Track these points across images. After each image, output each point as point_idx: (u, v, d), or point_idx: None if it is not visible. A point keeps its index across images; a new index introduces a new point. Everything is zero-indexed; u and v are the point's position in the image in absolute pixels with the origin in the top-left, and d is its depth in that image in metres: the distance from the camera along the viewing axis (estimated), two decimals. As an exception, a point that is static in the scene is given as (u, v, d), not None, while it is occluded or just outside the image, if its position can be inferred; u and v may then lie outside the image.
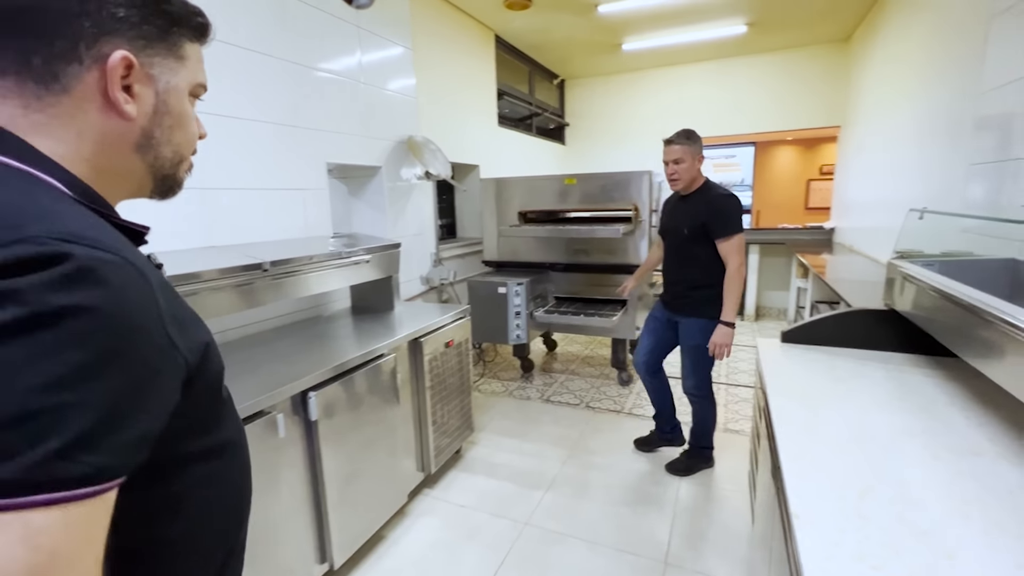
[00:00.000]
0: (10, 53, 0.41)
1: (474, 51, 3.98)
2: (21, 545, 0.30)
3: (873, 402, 1.32)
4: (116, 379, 0.36)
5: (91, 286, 0.35)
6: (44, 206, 0.39)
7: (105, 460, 0.35)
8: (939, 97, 2.56)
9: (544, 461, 2.50)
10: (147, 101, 0.47)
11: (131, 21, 0.45)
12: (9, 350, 0.32)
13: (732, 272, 2.07)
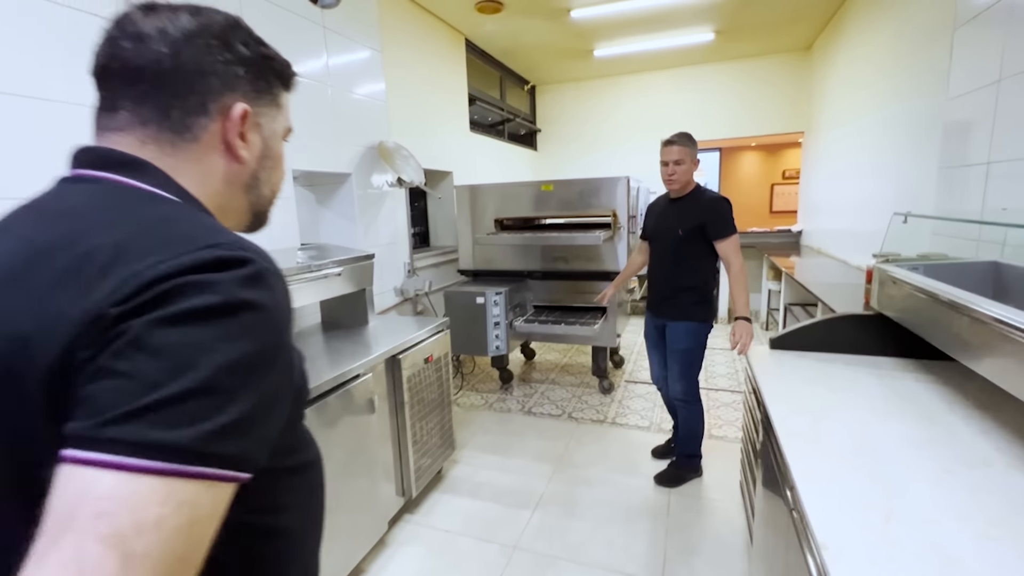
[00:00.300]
0: (153, 107, 0.47)
1: (444, 55, 3.89)
2: (173, 507, 0.33)
3: (873, 411, 1.29)
4: (271, 375, 0.41)
5: (264, 288, 0.41)
6: (213, 224, 0.46)
7: (248, 448, 0.38)
8: (908, 103, 2.62)
9: (530, 478, 2.41)
10: (256, 146, 0.54)
11: (247, 78, 0.52)
12: (203, 330, 0.36)
13: (738, 270, 2.10)
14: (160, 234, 0.41)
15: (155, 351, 0.35)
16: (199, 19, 0.49)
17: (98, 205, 0.44)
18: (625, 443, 2.73)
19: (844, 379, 1.52)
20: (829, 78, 4.24)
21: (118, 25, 0.48)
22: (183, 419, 0.34)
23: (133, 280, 0.37)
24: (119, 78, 0.48)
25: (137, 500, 0.32)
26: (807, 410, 1.30)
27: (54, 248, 0.40)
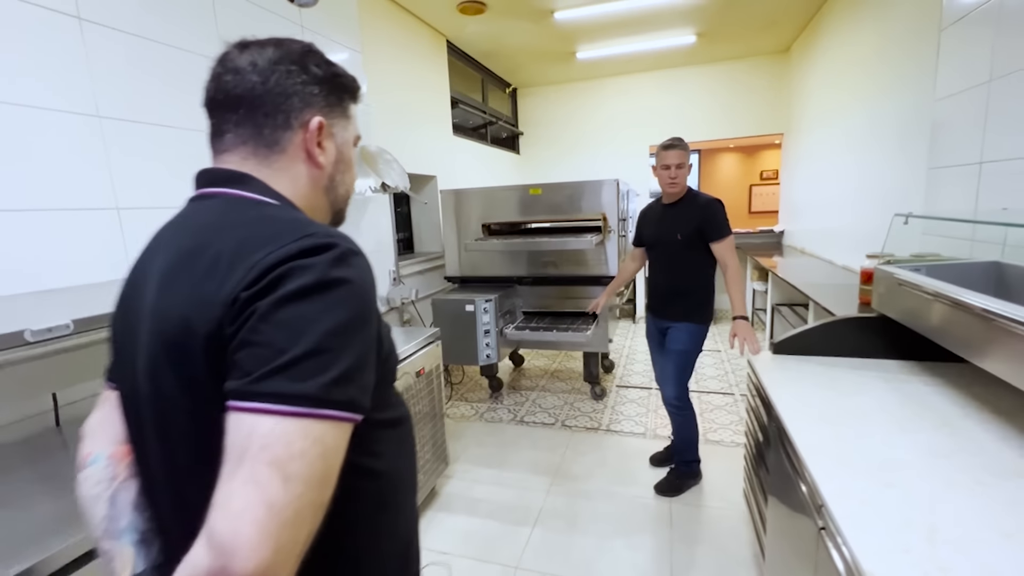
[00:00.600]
0: (250, 127, 0.58)
1: (426, 58, 3.80)
2: (311, 441, 0.44)
3: (889, 419, 1.25)
4: (362, 335, 0.50)
5: (349, 266, 0.50)
6: (305, 219, 0.56)
7: (354, 394, 0.48)
8: (894, 104, 2.65)
9: (527, 492, 2.33)
10: (331, 153, 0.63)
11: (321, 95, 0.60)
12: (309, 304, 0.47)
13: (734, 271, 2.09)
14: (267, 230, 0.51)
15: (277, 324, 0.45)
16: (281, 50, 0.59)
17: (220, 215, 0.56)
18: (621, 451, 2.67)
19: (852, 384, 1.49)
20: (808, 80, 4.29)
21: (220, 63, 0.59)
22: (307, 374, 0.44)
23: (253, 269, 0.47)
24: (224, 107, 0.58)
25: (287, 436, 0.43)
26: (823, 420, 1.26)
27: (196, 252, 0.52)
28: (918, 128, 2.38)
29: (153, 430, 0.54)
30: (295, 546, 0.42)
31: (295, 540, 0.42)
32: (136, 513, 0.58)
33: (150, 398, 0.53)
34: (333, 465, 0.46)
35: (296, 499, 0.41)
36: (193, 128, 1.83)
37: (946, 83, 2.09)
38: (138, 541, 0.57)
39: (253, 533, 0.39)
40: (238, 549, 0.39)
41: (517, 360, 4.17)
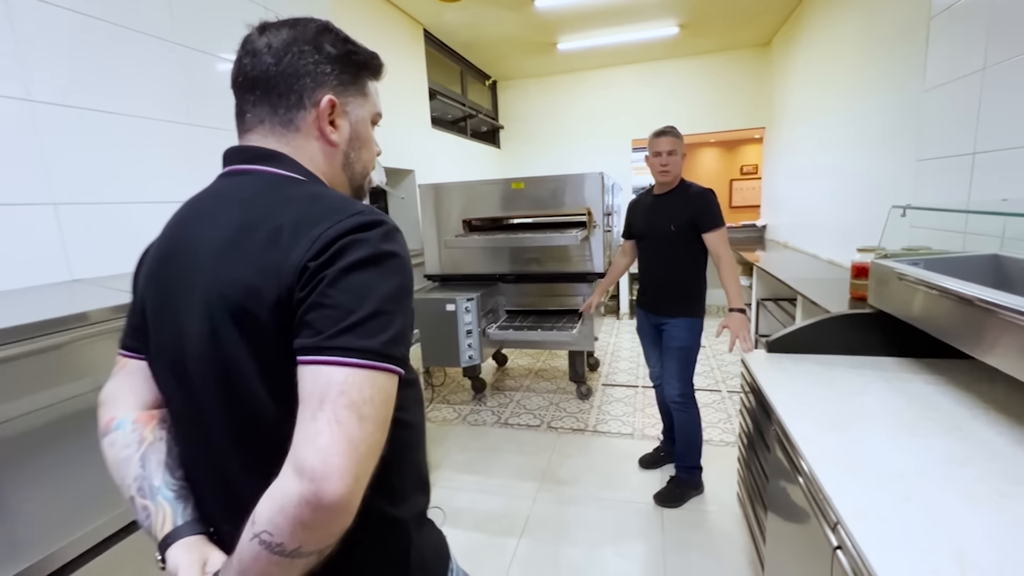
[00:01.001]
0: (267, 107, 0.61)
1: (403, 47, 3.65)
2: (377, 389, 0.50)
3: (896, 422, 1.19)
4: (408, 301, 0.57)
5: (396, 242, 0.56)
6: (345, 196, 0.60)
7: (404, 352, 0.55)
8: (880, 96, 2.61)
9: (513, 500, 2.23)
10: (345, 130, 0.65)
11: (334, 73, 0.62)
12: (369, 273, 0.52)
13: (728, 262, 2.01)
14: (321, 207, 0.55)
15: (344, 289, 0.51)
16: (295, 30, 0.61)
17: (265, 191, 0.58)
18: (609, 453, 2.59)
19: (853, 384, 1.43)
20: (790, 73, 4.26)
21: (242, 46, 0.61)
22: (372, 333, 0.51)
23: (318, 241, 0.52)
24: (243, 88, 0.61)
25: (359, 384, 0.49)
26: (829, 426, 1.18)
27: (252, 226, 0.55)
28: (904, 120, 2.34)
29: (214, 391, 0.56)
30: (365, 479, 0.49)
31: (366, 473, 0.48)
32: (167, 472, 0.62)
33: (210, 362, 0.56)
34: (390, 410, 0.52)
35: (368, 436, 0.48)
36: (146, 116, 1.67)
37: (936, 73, 2.04)
38: (174, 498, 0.60)
39: (341, 463, 0.46)
40: (329, 476, 0.45)
41: (500, 359, 4.06)
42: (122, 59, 1.60)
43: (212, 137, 1.96)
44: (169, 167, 1.77)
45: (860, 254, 2.12)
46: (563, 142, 5.69)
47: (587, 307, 2.51)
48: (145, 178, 1.69)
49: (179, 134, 1.80)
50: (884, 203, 2.56)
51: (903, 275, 1.42)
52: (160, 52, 1.73)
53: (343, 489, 0.45)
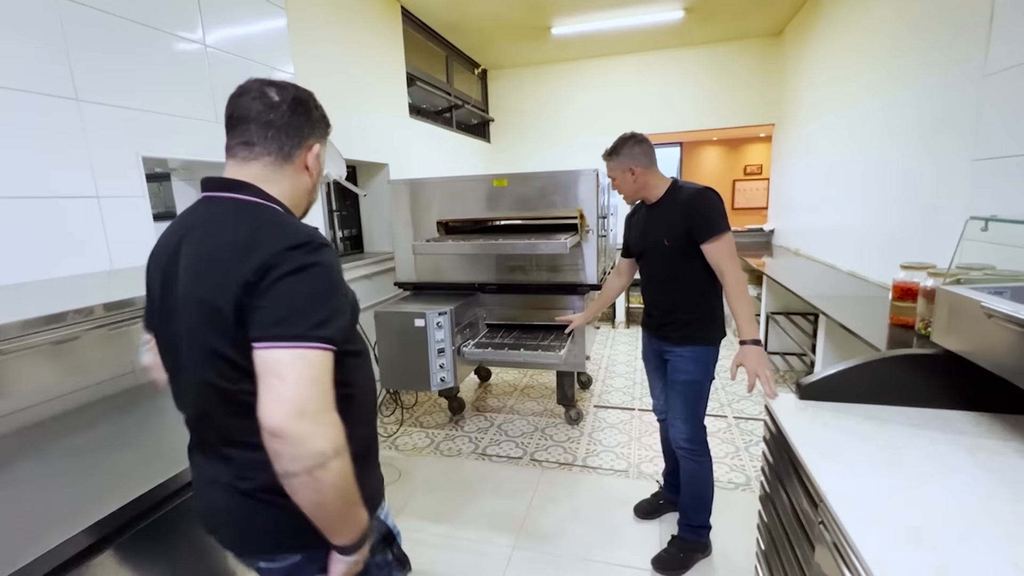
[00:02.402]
0: (274, 144, 0.82)
1: (375, 24, 3.26)
2: (305, 364, 0.69)
3: (1007, 533, 0.82)
4: (332, 297, 0.75)
5: (318, 254, 0.75)
6: (292, 220, 0.80)
7: (332, 334, 0.73)
8: (921, 84, 2.24)
9: (483, 560, 1.86)
10: (316, 169, 0.89)
11: (319, 129, 0.89)
12: (292, 280, 0.71)
13: (734, 280, 1.60)
14: (269, 231, 0.75)
15: (275, 295, 0.71)
16: (298, 94, 0.85)
17: (233, 215, 0.79)
18: (600, 496, 2.23)
19: (923, 457, 1.06)
20: (804, 65, 3.90)
21: (260, 93, 0.83)
22: (299, 321, 0.70)
23: (260, 262, 0.71)
24: (259, 126, 0.82)
25: (292, 359, 0.69)
26: (910, 537, 0.82)
27: (222, 246, 0.75)
28: (950, 113, 1.98)
29: (192, 364, 0.79)
30: (314, 417, 0.68)
31: (306, 414, 0.67)
32: None
33: (194, 345, 0.78)
34: (318, 374, 0.70)
35: (294, 391, 0.68)
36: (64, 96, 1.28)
37: (1002, 53, 1.68)
38: None
39: (272, 411, 0.67)
40: (267, 418, 0.67)
41: (483, 375, 3.69)
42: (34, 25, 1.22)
43: (121, 119, 1.59)
44: (56, 153, 1.39)
45: (905, 272, 1.77)
46: (558, 137, 5.32)
47: (567, 321, 2.14)
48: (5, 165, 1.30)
49: (65, 114, 1.42)
50: (923, 209, 2.20)
51: (994, 311, 1.05)
52: (42, 7, 1.35)
53: (281, 427, 0.66)
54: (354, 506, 0.77)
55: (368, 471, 0.91)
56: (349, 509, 0.76)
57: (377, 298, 3.15)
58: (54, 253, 1.42)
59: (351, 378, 0.85)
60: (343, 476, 0.71)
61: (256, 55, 2.14)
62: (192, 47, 1.85)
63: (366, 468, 0.90)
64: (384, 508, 0.98)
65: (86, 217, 1.50)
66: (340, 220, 3.38)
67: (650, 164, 1.71)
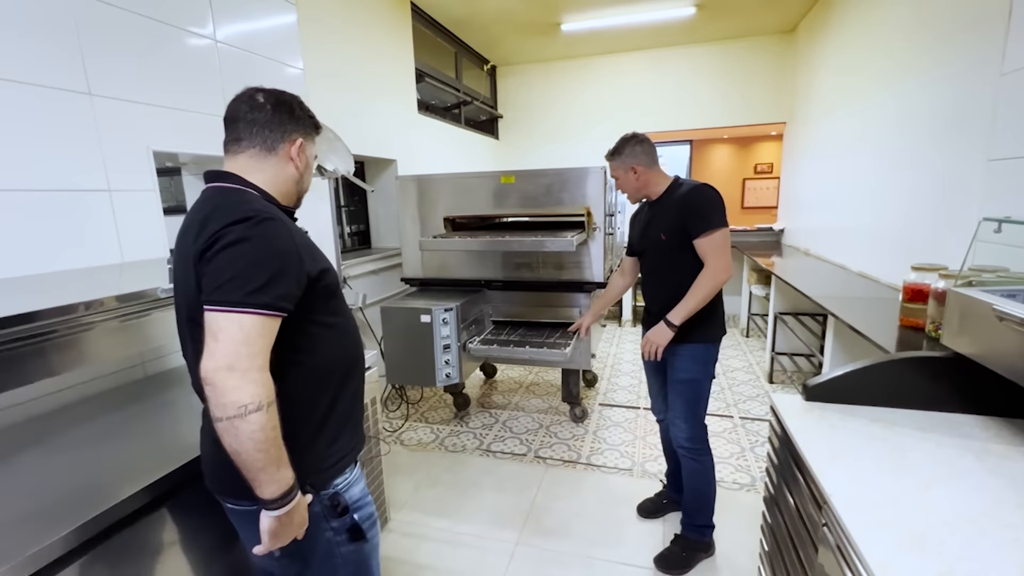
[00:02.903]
0: (259, 138, 0.94)
1: (384, 20, 3.26)
2: (236, 327, 0.78)
3: (1013, 537, 0.81)
4: (270, 266, 0.82)
5: (258, 227, 0.83)
6: (247, 199, 0.89)
7: (270, 300, 0.81)
8: (934, 82, 2.20)
9: (486, 556, 1.87)
10: (302, 161, 0.99)
11: (302, 126, 0.99)
12: (233, 249, 0.81)
13: (710, 271, 1.61)
14: (220, 211, 0.84)
15: (217, 264, 0.81)
16: (281, 96, 0.96)
17: (210, 199, 0.90)
18: (604, 494, 2.23)
19: (930, 460, 1.05)
20: (818, 63, 3.85)
21: (247, 97, 0.94)
22: (235, 288, 0.79)
23: (207, 236, 0.82)
24: (244, 124, 0.93)
25: (228, 323, 0.78)
26: (914, 543, 0.81)
27: (192, 223, 0.87)
28: (965, 113, 1.95)
29: (180, 325, 0.94)
30: (229, 371, 0.77)
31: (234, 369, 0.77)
32: None
33: (177, 310, 0.94)
34: (250, 335, 0.79)
35: (226, 348, 0.77)
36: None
37: (1020, 54, 1.65)
38: None
39: (208, 364, 0.77)
40: (204, 370, 0.77)
41: (489, 371, 3.70)
42: None
43: (130, 113, 1.60)
44: (66, 146, 1.41)
45: (916, 273, 1.74)
46: (566, 134, 5.30)
47: (578, 327, 2.14)
48: (17, 159, 1.32)
49: (76, 108, 1.43)
50: (935, 210, 2.17)
51: (1005, 314, 1.04)
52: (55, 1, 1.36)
53: (210, 376, 0.76)
54: (275, 463, 0.81)
55: (321, 437, 0.95)
56: (269, 464, 0.80)
57: (384, 294, 3.17)
58: (67, 245, 1.44)
59: (311, 347, 0.92)
60: (261, 430, 0.78)
61: (266, 51, 2.15)
62: (203, 43, 1.86)
63: (320, 435, 0.95)
64: (347, 479, 1.00)
65: (98, 210, 1.52)
66: (348, 216, 3.40)
67: (651, 163, 1.72)
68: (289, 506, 0.84)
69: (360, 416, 1.07)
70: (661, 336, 1.66)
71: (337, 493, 0.98)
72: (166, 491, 1.05)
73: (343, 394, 0.99)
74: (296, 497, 0.86)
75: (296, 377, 0.91)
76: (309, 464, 0.92)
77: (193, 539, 1.12)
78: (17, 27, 1.32)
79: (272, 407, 0.80)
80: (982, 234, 1.46)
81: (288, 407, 0.87)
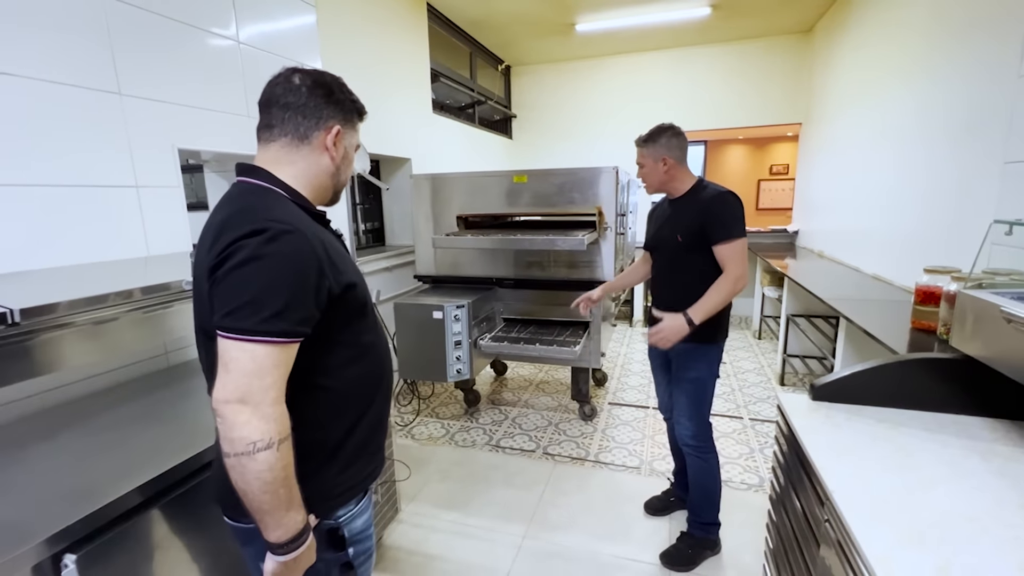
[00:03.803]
0: (291, 125, 0.85)
1: (401, 20, 3.31)
2: (249, 357, 0.71)
3: (1016, 538, 0.82)
4: (287, 289, 0.73)
5: (275, 244, 0.73)
6: (268, 204, 0.80)
7: (286, 327, 0.73)
8: (953, 87, 2.18)
9: (494, 548, 1.90)
10: (340, 151, 0.89)
11: (340, 110, 0.88)
12: (246, 269, 0.72)
13: (728, 276, 1.62)
14: (237, 217, 0.77)
15: (227, 286, 0.73)
16: (320, 77, 0.88)
17: (232, 199, 0.83)
18: (612, 491, 2.25)
19: (935, 460, 1.06)
20: (835, 63, 3.82)
21: (282, 79, 0.86)
22: (248, 315, 0.71)
23: (220, 248, 0.74)
24: (277, 107, 0.85)
25: (240, 352, 0.71)
26: (913, 537, 0.82)
27: (211, 225, 0.80)
28: (981, 115, 1.93)
29: (196, 333, 0.87)
30: (254, 407, 0.71)
31: (246, 403, 0.70)
32: None
33: (198, 313, 0.84)
34: (263, 366, 0.71)
35: (236, 380, 0.70)
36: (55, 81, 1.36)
37: (1038, 53, 1.64)
38: None
39: (218, 395, 0.71)
40: (215, 400, 0.71)
41: (500, 369, 3.74)
42: (34, 10, 1.30)
43: (157, 112, 1.67)
44: (98, 143, 1.47)
45: (928, 276, 1.74)
46: (580, 133, 5.31)
47: (585, 301, 2.08)
48: (54, 155, 1.39)
49: (105, 107, 1.50)
50: (950, 212, 2.15)
51: (1013, 316, 1.04)
52: (86, 6, 1.42)
53: (220, 408, 0.71)
54: (283, 506, 0.74)
55: (332, 465, 0.87)
56: (277, 507, 0.73)
57: (397, 290, 3.22)
58: (98, 239, 1.50)
59: (330, 370, 0.84)
60: (270, 470, 0.70)
61: (286, 51, 2.21)
62: (226, 43, 1.92)
63: (332, 463, 0.87)
64: (351, 512, 0.91)
65: (126, 205, 1.59)
66: (363, 213, 3.45)
67: (682, 159, 1.73)
68: (296, 552, 0.77)
69: (380, 442, 0.98)
70: (676, 330, 1.62)
71: (339, 527, 0.90)
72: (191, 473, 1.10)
73: (363, 420, 0.91)
74: (306, 542, 0.78)
75: (312, 402, 0.83)
76: (316, 491, 0.84)
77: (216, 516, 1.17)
78: (56, 32, 1.38)
79: (285, 444, 0.73)
80: (996, 237, 1.45)
81: (302, 432, 0.79)
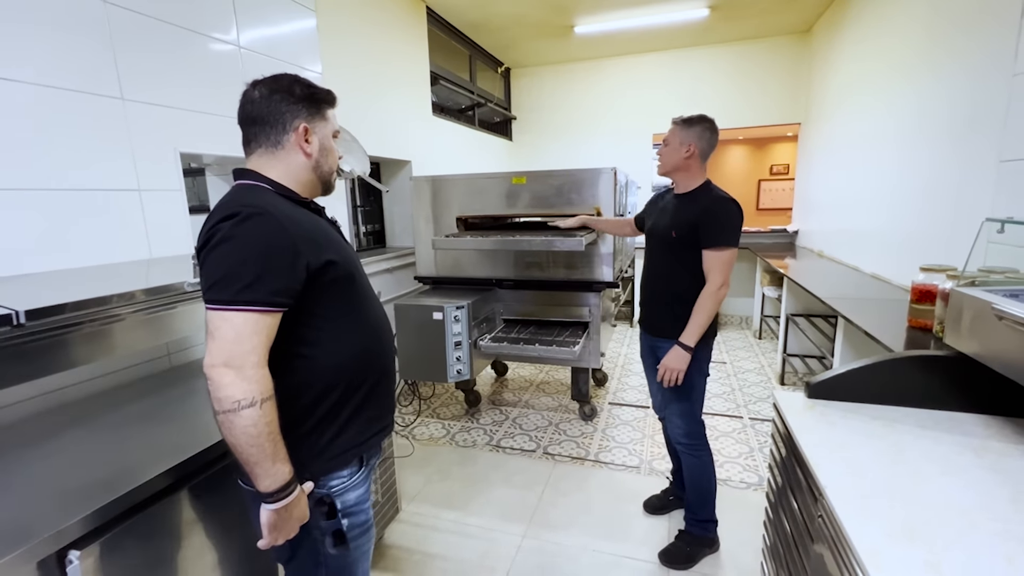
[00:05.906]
0: (263, 137, 0.94)
1: (401, 24, 3.33)
2: (229, 325, 0.80)
3: (1006, 531, 0.83)
4: (259, 262, 0.82)
5: (245, 225, 0.83)
6: (246, 195, 0.89)
7: (261, 296, 0.82)
8: (950, 87, 2.19)
9: (493, 547, 1.92)
10: (315, 146, 0.96)
11: (304, 107, 0.94)
12: (221, 248, 0.82)
13: (710, 290, 1.64)
14: (218, 207, 0.86)
15: (208, 264, 0.83)
16: (275, 84, 0.94)
17: (222, 198, 0.90)
18: (611, 490, 2.26)
19: (928, 456, 1.07)
20: (833, 63, 3.83)
21: (245, 95, 0.94)
22: (225, 286, 0.81)
23: (201, 234, 0.86)
24: (247, 123, 0.94)
25: (221, 321, 0.81)
26: (906, 531, 0.84)
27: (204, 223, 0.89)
28: (978, 114, 1.94)
29: None
30: (237, 370, 0.80)
31: (230, 365, 0.80)
32: None
33: None
34: (243, 333, 0.81)
35: (221, 346, 0.80)
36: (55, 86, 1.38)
37: (1032, 52, 1.65)
38: None
39: (207, 360, 0.80)
40: (207, 373, 0.80)
41: (500, 369, 3.75)
42: (35, 16, 1.32)
43: (158, 116, 1.69)
44: (100, 147, 1.49)
45: (924, 274, 1.75)
46: (579, 135, 5.33)
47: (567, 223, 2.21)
48: (55, 158, 1.41)
49: (107, 111, 1.52)
50: (948, 211, 2.16)
51: (1004, 313, 1.05)
52: (87, 10, 1.45)
53: (208, 372, 0.80)
54: (269, 458, 0.82)
55: (325, 430, 0.95)
56: (264, 459, 0.82)
57: (398, 291, 3.24)
58: (101, 242, 1.52)
59: (317, 340, 0.92)
60: (254, 425, 0.80)
61: (286, 55, 2.23)
62: (226, 48, 1.95)
63: (324, 427, 0.95)
64: (345, 482, 0.98)
65: (129, 209, 1.61)
66: (363, 215, 3.47)
67: (705, 155, 1.72)
68: (285, 501, 0.85)
69: (376, 414, 1.03)
70: (679, 361, 1.66)
71: (329, 495, 0.96)
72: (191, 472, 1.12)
73: (358, 388, 0.98)
74: (293, 493, 0.87)
75: (301, 369, 0.91)
76: (307, 454, 0.92)
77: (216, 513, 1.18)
78: (60, 38, 1.40)
79: (268, 403, 0.82)
80: (993, 236, 1.46)
81: (292, 398, 0.89)
